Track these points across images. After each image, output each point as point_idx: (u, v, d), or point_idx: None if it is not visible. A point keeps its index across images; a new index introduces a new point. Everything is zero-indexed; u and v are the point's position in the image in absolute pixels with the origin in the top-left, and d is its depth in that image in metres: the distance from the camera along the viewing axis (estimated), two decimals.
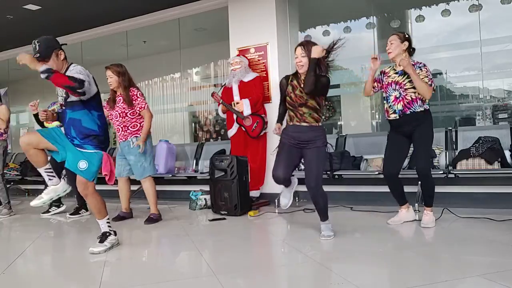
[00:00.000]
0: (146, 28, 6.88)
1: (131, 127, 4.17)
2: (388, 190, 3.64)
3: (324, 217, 3.24)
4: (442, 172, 4.22)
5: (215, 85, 7.92)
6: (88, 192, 2.99)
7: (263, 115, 4.91)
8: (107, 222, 3.14)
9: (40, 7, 6.01)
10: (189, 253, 3.02)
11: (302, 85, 3.10)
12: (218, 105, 5.08)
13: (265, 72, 5.22)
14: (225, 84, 5.17)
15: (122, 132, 4.18)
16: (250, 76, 4.99)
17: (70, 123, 2.97)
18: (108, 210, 4.34)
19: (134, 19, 6.76)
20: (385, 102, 3.51)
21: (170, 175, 5.64)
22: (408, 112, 3.34)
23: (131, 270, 2.67)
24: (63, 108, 3.06)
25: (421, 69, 3.36)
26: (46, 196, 3.06)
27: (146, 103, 4.19)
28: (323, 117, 3.27)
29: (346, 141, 5.12)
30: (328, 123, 7.80)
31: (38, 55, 2.87)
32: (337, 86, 6.58)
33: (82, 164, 2.92)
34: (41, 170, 3.04)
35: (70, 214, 4.76)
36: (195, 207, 4.90)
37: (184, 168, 5.92)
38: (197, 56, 8.02)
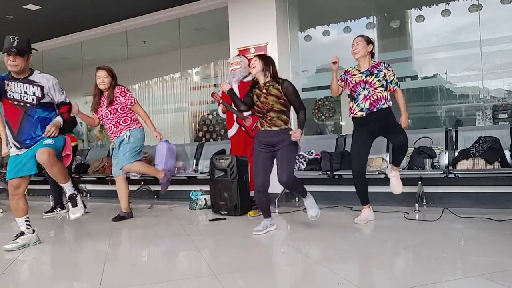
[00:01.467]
0: (146, 28, 6.88)
1: (122, 121, 4.24)
2: (389, 190, 3.64)
3: (303, 194, 3.48)
4: (442, 172, 4.22)
5: (215, 85, 7.92)
6: (52, 162, 3.05)
7: None
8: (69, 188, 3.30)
9: (40, 7, 6.01)
10: (189, 253, 3.02)
11: (264, 91, 3.33)
12: (218, 105, 5.07)
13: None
14: None
15: (115, 129, 4.24)
16: (250, 76, 4.98)
17: (40, 121, 3.11)
18: (108, 211, 4.35)
19: (134, 19, 6.76)
20: (350, 100, 3.67)
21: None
22: (375, 109, 3.51)
23: (131, 270, 2.67)
24: (30, 106, 3.10)
25: (388, 70, 3.57)
26: (21, 242, 3.18)
27: (135, 98, 4.30)
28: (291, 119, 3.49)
29: (346, 141, 5.12)
30: (328, 123, 7.80)
31: (15, 50, 2.94)
32: None
33: (48, 141, 3.06)
34: (22, 219, 3.20)
35: (45, 212, 4.88)
36: (195, 207, 4.89)
37: (184, 168, 5.92)
38: (197, 56, 8.01)
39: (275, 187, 3.50)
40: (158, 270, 2.60)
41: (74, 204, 3.29)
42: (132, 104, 4.25)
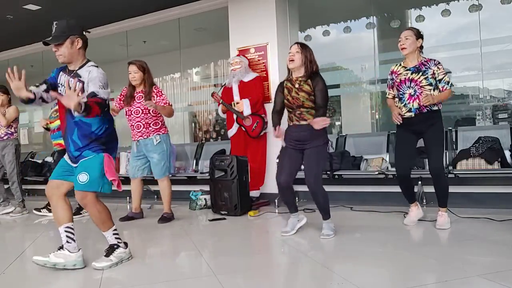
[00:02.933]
0: (146, 28, 6.88)
1: (153, 124, 4.14)
2: (389, 190, 3.64)
3: (325, 215, 3.27)
4: None
5: (215, 85, 7.92)
6: (87, 201, 2.57)
7: (263, 115, 4.91)
8: (114, 234, 2.73)
9: (40, 7, 6.01)
10: (189, 253, 3.02)
11: (296, 86, 3.18)
12: (218, 105, 5.07)
13: (265, 72, 5.23)
14: (225, 84, 5.17)
15: (144, 129, 4.12)
16: (250, 76, 4.99)
17: (77, 125, 2.58)
18: (142, 212, 4.32)
19: (134, 19, 6.76)
20: (398, 100, 3.40)
21: (170, 175, 5.62)
22: (425, 110, 3.26)
23: (131, 270, 2.67)
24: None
25: (438, 68, 3.28)
26: (53, 259, 2.61)
27: (169, 101, 4.17)
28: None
29: (346, 141, 5.13)
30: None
31: (49, 38, 2.54)
32: (337, 86, 6.58)
33: (82, 177, 2.52)
34: (62, 229, 2.63)
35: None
36: (195, 207, 4.89)
37: (184, 168, 5.92)
38: (197, 56, 8.01)
39: (275, 187, 3.49)
40: (158, 270, 2.60)
41: (107, 255, 2.68)
42: (165, 104, 4.09)
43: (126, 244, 2.80)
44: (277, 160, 3.40)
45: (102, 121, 2.64)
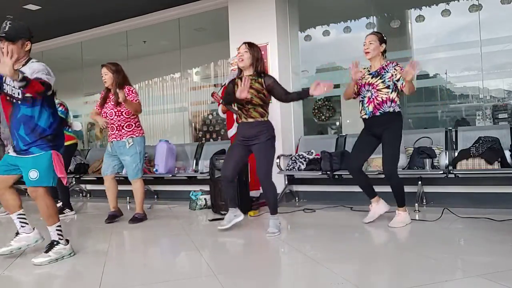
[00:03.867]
0: (146, 28, 6.88)
1: (126, 126, 4.16)
2: (389, 190, 3.64)
3: (273, 211, 3.41)
4: (442, 172, 4.23)
5: (215, 85, 7.92)
6: (37, 195, 2.75)
7: None
8: (57, 229, 2.85)
9: (40, 7, 6.01)
10: (189, 253, 3.02)
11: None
12: (218, 105, 5.07)
13: (265, 72, 5.21)
14: (225, 84, 5.17)
15: (117, 132, 4.16)
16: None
17: (22, 120, 2.73)
18: (108, 211, 4.34)
19: (134, 19, 6.76)
20: (360, 103, 3.56)
21: (170, 175, 5.63)
22: (378, 113, 3.41)
23: (131, 270, 2.67)
24: (16, 102, 2.75)
25: (395, 69, 3.38)
26: (15, 244, 2.90)
27: (138, 100, 4.17)
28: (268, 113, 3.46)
29: (346, 141, 5.13)
30: (328, 123, 7.81)
31: (4, 35, 2.67)
32: (337, 86, 6.58)
33: (33, 174, 2.71)
34: (14, 216, 2.90)
35: None
36: (195, 207, 4.89)
37: (184, 168, 5.92)
38: (197, 56, 8.01)
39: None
40: (158, 270, 2.60)
41: (47, 250, 2.80)
42: (133, 101, 4.09)
43: (67, 240, 2.91)
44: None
45: (48, 116, 2.79)
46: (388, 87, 3.38)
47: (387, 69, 3.41)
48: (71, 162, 6.03)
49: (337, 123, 7.74)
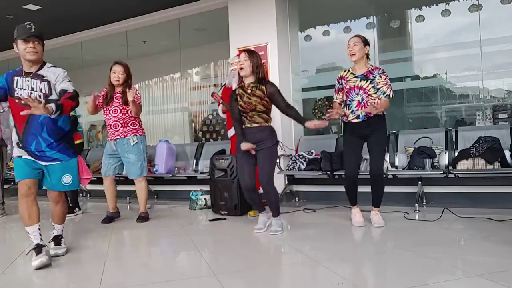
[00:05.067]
0: (146, 28, 6.88)
1: (131, 124, 4.18)
2: (389, 190, 3.65)
3: (275, 212, 3.47)
4: (442, 172, 4.23)
5: (215, 85, 7.92)
6: (61, 198, 2.94)
7: None
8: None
9: (40, 7, 6.01)
10: (189, 253, 3.02)
11: (248, 92, 3.36)
12: (218, 105, 5.07)
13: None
14: (225, 84, 5.16)
15: (122, 129, 4.15)
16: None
17: (46, 123, 2.75)
18: (118, 211, 4.31)
19: (134, 19, 6.76)
20: (344, 106, 3.56)
21: (170, 175, 5.63)
22: (371, 115, 3.43)
23: (131, 270, 2.67)
24: None
25: (380, 76, 3.43)
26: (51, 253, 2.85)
27: (141, 102, 4.23)
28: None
29: None
30: (328, 123, 7.79)
31: (35, 34, 2.70)
32: None
33: (67, 179, 2.85)
34: (35, 228, 2.76)
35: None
36: (195, 207, 4.89)
37: (184, 168, 5.92)
38: (197, 56, 8.01)
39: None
40: (158, 270, 2.60)
41: (58, 243, 2.98)
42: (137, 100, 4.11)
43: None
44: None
45: (67, 116, 2.88)
46: (376, 92, 3.44)
47: (374, 74, 3.44)
48: None
49: (338, 123, 7.74)
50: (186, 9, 6.25)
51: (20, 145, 2.80)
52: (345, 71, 3.60)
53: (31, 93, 2.73)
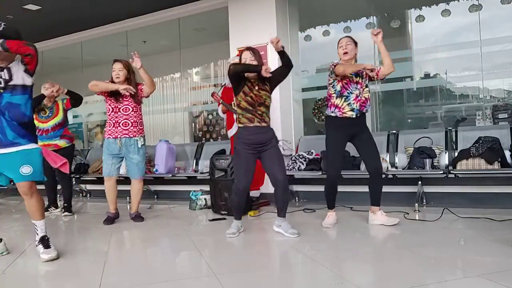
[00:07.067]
0: (146, 28, 6.88)
1: (139, 124, 4.18)
2: (389, 190, 3.65)
3: (285, 213, 3.41)
4: (442, 172, 4.23)
5: (215, 85, 7.92)
6: (33, 190, 2.77)
7: None
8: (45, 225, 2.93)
9: (40, 7, 6.01)
10: (189, 253, 3.02)
11: (256, 87, 3.30)
12: (218, 105, 5.07)
13: None
14: (225, 84, 5.17)
15: (131, 127, 4.11)
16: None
17: (7, 108, 2.70)
18: (118, 212, 4.31)
19: (134, 19, 6.76)
20: (338, 97, 3.45)
21: (170, 175, 5.63)
22: (364, 110, 3.47)
23: (131, 270, 2.67)
24: None
25: (366, 69, 3.42)
26: None
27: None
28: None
29: None
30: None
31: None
32: None
33: (26, 169, 2.72)
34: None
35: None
36: (195, 207, 4.89)
37: (184, 168, 5.92)
38: (197, 56, 8.01)
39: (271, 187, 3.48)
40: (158, 270, 2.60)
41: (47, 246, 2.84)
42: (142, 91, 4.15)
43: (1, 239, 3.02)
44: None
45: (31, 106, 2.81)
46: (367, 85, 3.50)
47: (362, 71, 3.46)
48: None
49: None
50: (186, 9, 6.25)
51: None
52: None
53: None
